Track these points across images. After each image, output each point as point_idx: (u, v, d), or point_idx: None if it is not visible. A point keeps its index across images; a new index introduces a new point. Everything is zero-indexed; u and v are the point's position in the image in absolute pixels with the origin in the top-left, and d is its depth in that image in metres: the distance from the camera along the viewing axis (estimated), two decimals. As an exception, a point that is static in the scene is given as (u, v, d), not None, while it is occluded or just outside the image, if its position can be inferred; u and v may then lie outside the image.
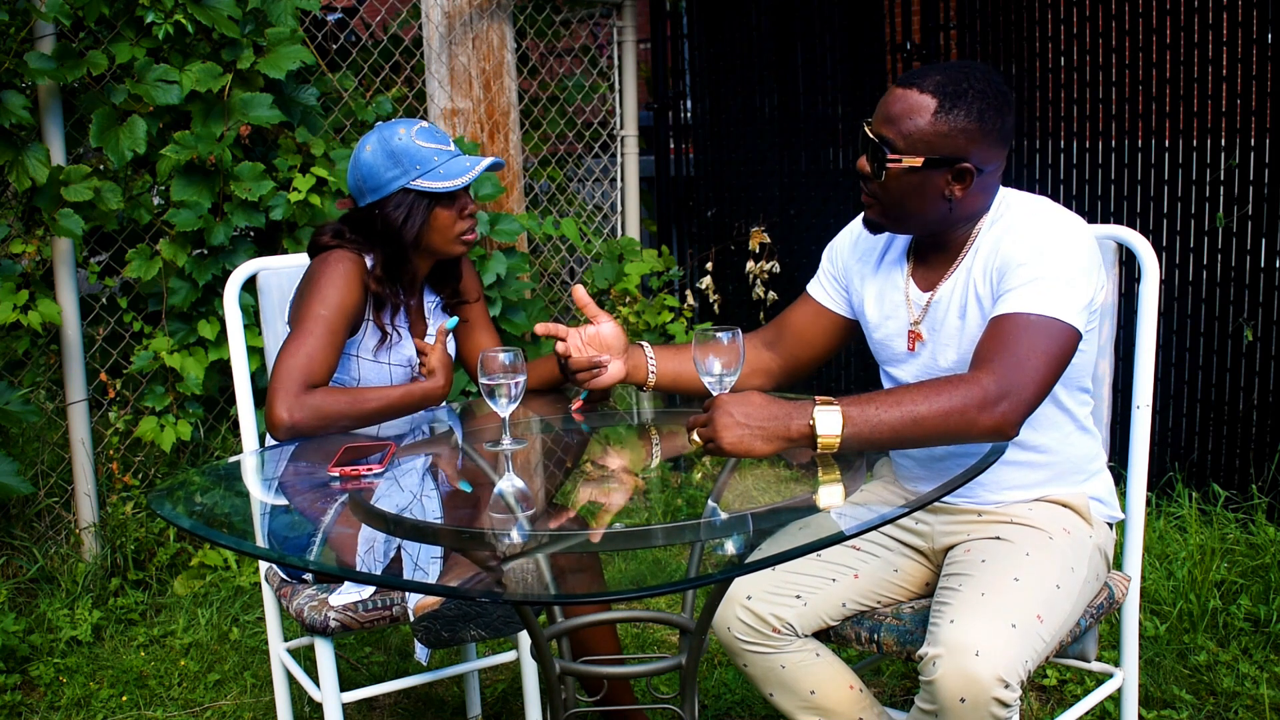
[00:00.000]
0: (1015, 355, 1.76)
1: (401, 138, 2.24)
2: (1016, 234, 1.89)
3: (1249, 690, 2.74)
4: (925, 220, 1.92)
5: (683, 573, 2.63)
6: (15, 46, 3.26)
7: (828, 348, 2.20)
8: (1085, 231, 1.90)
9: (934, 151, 1.85)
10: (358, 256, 2.25)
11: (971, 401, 1.72)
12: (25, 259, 3.39)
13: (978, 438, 1.74)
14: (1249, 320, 3.52)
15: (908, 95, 1.86)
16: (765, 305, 4.66)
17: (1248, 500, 3.47)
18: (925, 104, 1.84)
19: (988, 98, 1.85)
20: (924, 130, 1.84)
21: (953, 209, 1.90)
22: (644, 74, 5.19)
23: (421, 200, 2.24)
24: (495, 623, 2.00)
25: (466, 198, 2.30)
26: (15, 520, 3.52)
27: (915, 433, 1.73)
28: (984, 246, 1.93)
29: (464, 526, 1.80)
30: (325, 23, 4.52)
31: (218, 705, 2.95)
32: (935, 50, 4.20)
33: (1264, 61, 3.40)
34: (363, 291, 2.25)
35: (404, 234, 2.25)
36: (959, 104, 1.83)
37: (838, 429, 1.71)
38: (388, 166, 2.23)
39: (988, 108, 1.85)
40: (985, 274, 1.91)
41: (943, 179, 1.86)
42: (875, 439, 1.73)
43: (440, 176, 2.24)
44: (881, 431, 1.72)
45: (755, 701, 2.82)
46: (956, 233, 1.96)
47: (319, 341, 2.16)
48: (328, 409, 2.11)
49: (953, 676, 1.69)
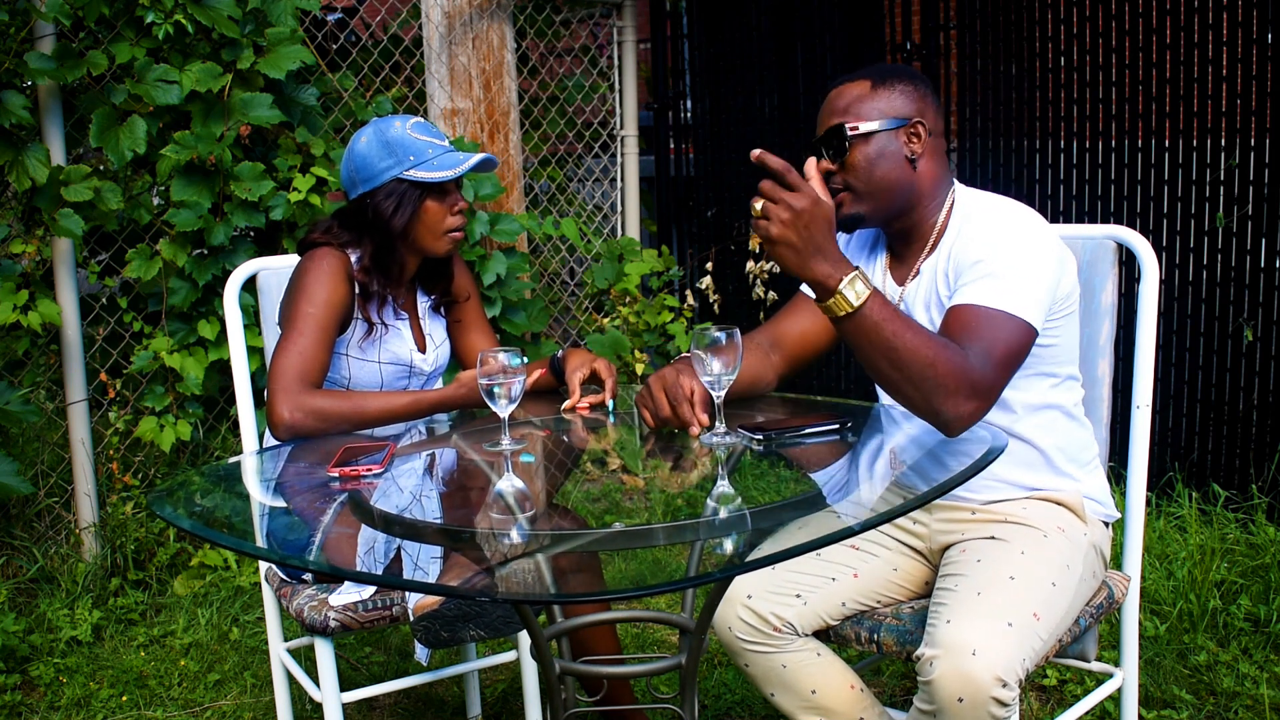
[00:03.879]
0: (980, 349, 1.79)
1: (397, 129, 2.27)
2: (973, 231, 1.96)
3: (1249, 690, 2.74)
4: (896, 188, 2.00)
5: (683, 572, 2.63)
6: (15, 46, 3.26)
7: (826, 346, 2.21)
8: (1042, 227, 1.95)
9: (885, 115, 1.98)
10: (341, 253, 2.27)
11: (960, 376, 1.74)
12: (25, 259, 3.39)
13: (936, 405, 1.74)
14: (1249, 320, 3.52)
15: (845, 88, 2.02)
16: (765, 305, 4.66)
17: (1248, 500, 3.47)
18: (863, 85, 2.01)
19: (909, 74, 2.02)
20: (868, 104, 1.99)
21: (917, 168, 1.99)
22: (644, 74, 5.19)
23: (414, 191, 2.26)
24: (495, 623, 2.00)
25: (457, 194, 2.31)
26: (15, 520, 3.52)
27: (898, 361, 1.73)
28: (944, 245, 2.01)
29: (463, 526, 1.80)
30: (325, 23, 4.52)
31: (218, 705, 2.95)
32: (935, 50, 4.20)
33: (1264, 61, 3.40)
34: (348, 285, 2.27)
35: (393, 224, 2.26)
36: (888, 78, 2.00)
37: (852, 304, 1.71)
38: (382, 156, 2.25)
39: (913, 78, 2.02)
40: (945, 273, 1.98)
41: (901, 139, 1.99)
42: (874, 334, 1.73)
43: (434, 168, 2.26)
44: (884, 331, 1.72)
45: (755, 701, 2.82)
46: (923, 214, 2.03)
47: (311, 340, 2.18)
48: (329, 411, 2.12)
49: (950, 677, 1.69)
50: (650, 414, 2.00)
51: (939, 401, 1.74)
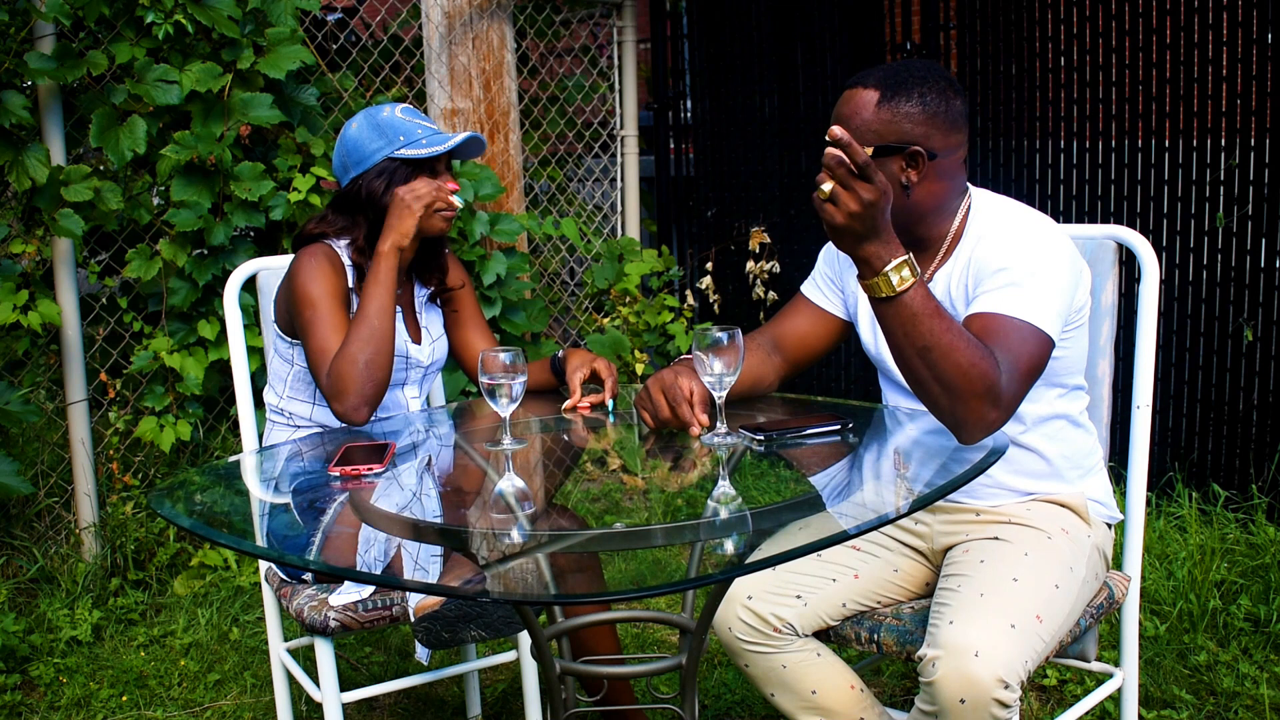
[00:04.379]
0: (1009, 360, 1.76)
1: (386, 114, 2.33)
2: (991, 241, 1.92)
3: (1249, 690, 2.74)
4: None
5: (683, 573, 2.63)
6: (15, 46, 3.26)
7: (826, 348, 2.21)
8: (1059, 235, 1.92)
9: (883, 139, 1.89)
10: (326, 247, 2.31)
11: (990, 384, 1.70)
12: (25, 259, 3.39)
13: (961, 412, 1.72)
14: (1249, 320, 3.52)
15: (854, 94, 1.93)
16: (765, 305, 4.66)
17: (1248, 500, 3.47)
18: (869, 97, 1.91)
19: (929, 83, 1.90)
20: (870, 122, 1.90)
21: (910, 195, 1.93)
22: (644, 74, 5.19)
23: (404, 169, 2.30)
24: (495, 623, 2.00)
25: (447, 174, 2.34)
26: (15, 520, 3.52)
27: (930, 359, 1.70)
28: (961, 255, 1.96)
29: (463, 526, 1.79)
30: (325, 23, 4.52)
31: (218, 705, 2.95)
32: (935, 50, 4.20)
33: (1264, 61, 3.40)
34: (341, 273, 2.30)
35: (385, 202, 2.29)
36: (900, 92, 1.89)
37: (895, 288, 1.69)
38: (372, 139, 2.29)
39: (929, 91, 1.90)
40: (962, 283, 1.94)
41: (896, 166, 1.91)
42: (911, 323, 1.70)
43: (422, 146, 2.30)
44: (923, 321, 1.69)
45: (755, 701, 2.81)
46: (929, 230, 1.98)
47: (334, 331, 2.23)
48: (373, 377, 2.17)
49: (952, 677, 1.69)
50: (650, 416, 2.00)
51: (963, 407, 1.72)
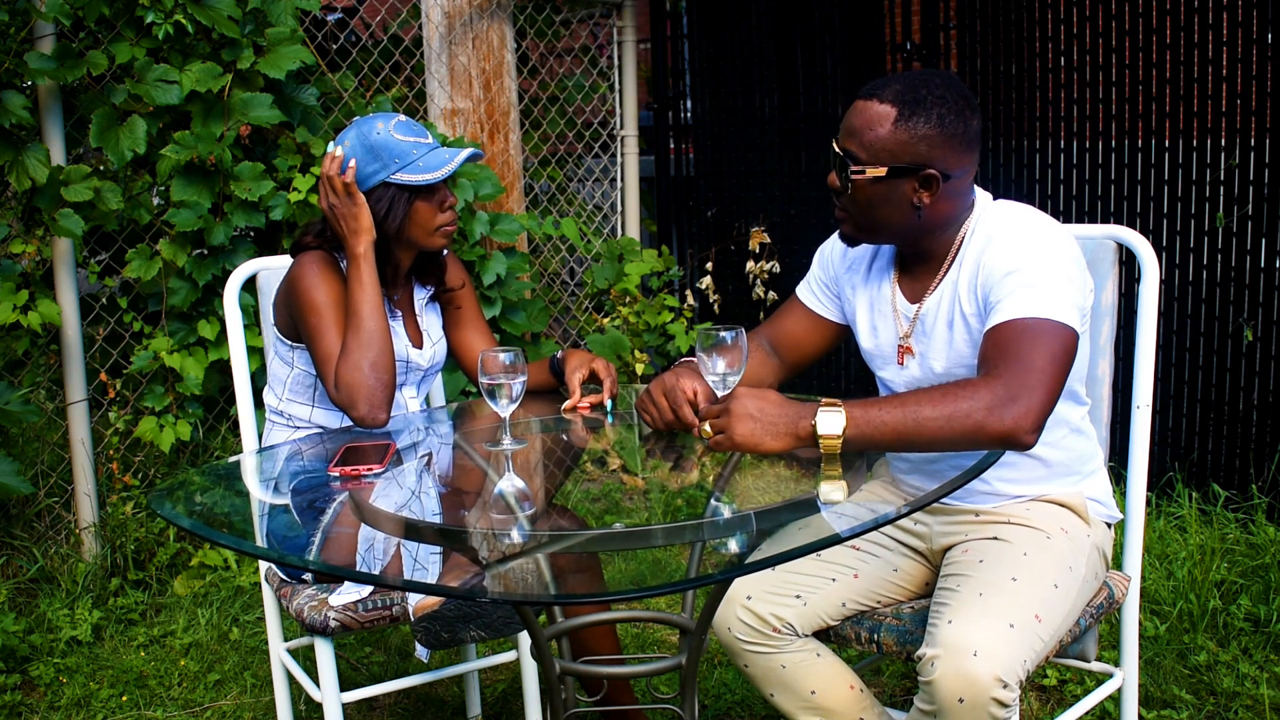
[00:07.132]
0: (1020, 359, 1.75)
1: (380, 132, 2.25)
2: (999, 244, 1.89)
3: (1249, 690, 2.74)
4: (897, 230, 1.94)
5: (683, 573, 2.63)
6: (15, 46, 3.26)
7: (822, 350, 2.21)
8: (1066, 235, 1.90)
9: (897, 160, 1.86)
10: (326, 254, 2.29)
11: (978, 405, 1.70)
12: (25, 259, 3.39)
13: (989, 443, 1.72)
14: (1249, 320, 3.52)
15: (868, 107, 1.88)
16: (765, 305, 4.66)
17: (1248, 500, 3.47)
18: (885, 114, 1.86)
19: (947, 103, 1.86)
20: (885, 140, 1.86)
21: (922, 216, 1.90)
22: (644, 74, 5.19)
23: (402, 194, 2.26)
24: (495, 623, 2.00)
25: (446, 190, 2.32)
26: (15, 520, 3.52)
27: (918, 434, 1.72)
28: (968, 259, 1.93)
29: (463, 526, 1.80)
30: (325, 23, 4.52)
31: (218, 705, 2.95)
32: (935, 50, 4.20)
33: (1264, 61, 3.40)
34: (342, 280, 2.28)
35: (386, 228, 2.27)
36: (918, 111, 1.85)
37: (839, 429, 1.72)
38: (367, 161, 2.25)
39: (948, 113, 1.86)
40: (970, 289, 1.92)
41: (909, 187, 1.88)
42: (878, 440, 1.73)
43: (420, 170, 2.25)
44: (884, 433, 1.72)
45: (755, 701, 2.82)
46: (936, 242, 1.97)
47: (343, 334, 2.23)
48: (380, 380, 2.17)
49: (951, 677, 1.69)
50: (652, 419, 2.00)
51: (982, 433, 1.70)
